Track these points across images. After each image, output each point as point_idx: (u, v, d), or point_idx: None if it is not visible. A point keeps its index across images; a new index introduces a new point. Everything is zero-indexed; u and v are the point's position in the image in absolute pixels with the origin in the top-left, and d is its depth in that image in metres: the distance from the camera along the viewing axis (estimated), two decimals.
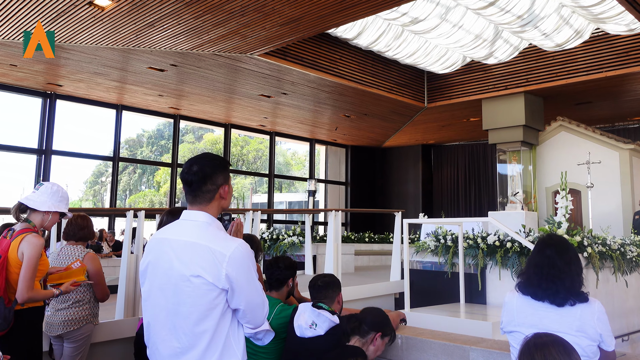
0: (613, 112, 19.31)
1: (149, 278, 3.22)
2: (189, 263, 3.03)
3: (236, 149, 40.19)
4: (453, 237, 9.89)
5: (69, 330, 5.54)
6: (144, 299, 3.27)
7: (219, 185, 3.24)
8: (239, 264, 3.02)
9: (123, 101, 17.99)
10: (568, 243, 3.89)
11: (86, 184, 42.11)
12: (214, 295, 2.99)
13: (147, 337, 3.24)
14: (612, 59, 15.10)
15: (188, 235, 3.12)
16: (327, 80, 15.95)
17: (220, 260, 2.98)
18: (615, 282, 9.48)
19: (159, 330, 3.14)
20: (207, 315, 3.00)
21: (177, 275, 3.05)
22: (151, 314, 3.19)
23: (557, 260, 3.74)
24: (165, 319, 3.09)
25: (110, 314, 7.03)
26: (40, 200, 4.92)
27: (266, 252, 14.21)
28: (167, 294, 3.09)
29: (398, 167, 26.28)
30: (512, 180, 17.22)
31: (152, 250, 3.26)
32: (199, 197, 3.21)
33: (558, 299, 3.67)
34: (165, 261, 3.13)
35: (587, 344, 3.59)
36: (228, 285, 2.99)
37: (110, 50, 12.98)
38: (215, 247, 3.03)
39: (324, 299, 5.01)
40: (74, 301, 5.57)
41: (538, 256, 3.85)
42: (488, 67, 17.45)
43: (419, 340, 5.26)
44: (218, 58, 13.77)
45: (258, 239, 6.14)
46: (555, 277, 3.69)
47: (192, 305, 3.00)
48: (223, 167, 3.29)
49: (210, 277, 2.97)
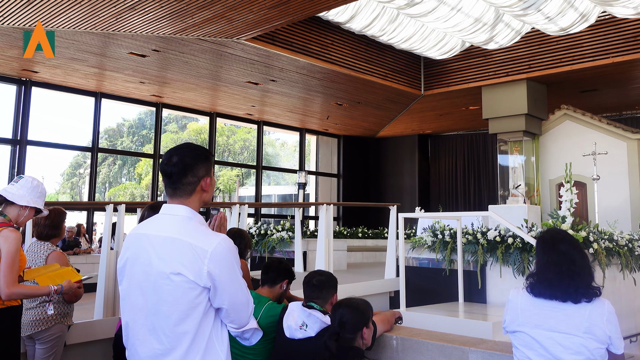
0: (620, 100, 19.34)
1: (127, 276, 3.20)
2: (168, 260, 3.01)
3: (222, 139, 40.19)
4: (451, 232, 9.90)
5: (38, 330, 5.51)
6: (122, 298, 3.25)
7: (201, 178, 3.22)
8: (221, 260, 3.01)
9: (102, 88, 17.93)
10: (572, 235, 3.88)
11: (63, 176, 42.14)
12: (196, 293, 2.98)
13: (126, 338, 3.23)
14: (620, 43, 15.09)
15: (168, 231, 3.11)
16: (318, 66, 15.92)
17: (201, 256, 2.97)
18: (623, 279, 9.50)
19: (137, 331, 3.12)
20: (189, 315, 2.99)
21: (156, 273, 3.04)
22: (130, 314, 3.18)
23: (575, 254, 3.71)
24: (145, 319, 3.08)
25: (88, 313, 7.01)
26: (19, 194, 4.89)
27: (254, 248, 14.18)
28: (146, 293, 3.08)
29: (393, 159, 26.28)
30: (513, 172, 17.23)
31: (131, 246, 3.24)
32: (179, 189, 3.19)
33: (578, 296, 3.63)
34: (144, 258, 3.11)
35: (595, 346, 3.56)
36: (210, 283, 2.98)
37: (89, 34, 12.91)
38: (197, 242, 3.01)
39: (316, 298, 4.97)
40: (41, 300, 5.53)
41: (553, 254, 3.75)
42: (488, 53, 17.44)
43: (415, 341, 5.24)
44: (203, 43, 13.72)
45: (248, 234, 6.11)
46: (575, 274, 3.65)
47: (173, 305, 2.98)
48: (205, 158, 3.27)
49: (191, 275, 2.96)
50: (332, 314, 4.55)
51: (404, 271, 9.01)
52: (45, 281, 5.12)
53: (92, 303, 7.04)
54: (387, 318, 5.43)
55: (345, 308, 4.53)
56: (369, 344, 4.64)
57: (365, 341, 4.56)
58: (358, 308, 4.56)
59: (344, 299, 4.67)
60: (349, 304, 4.57)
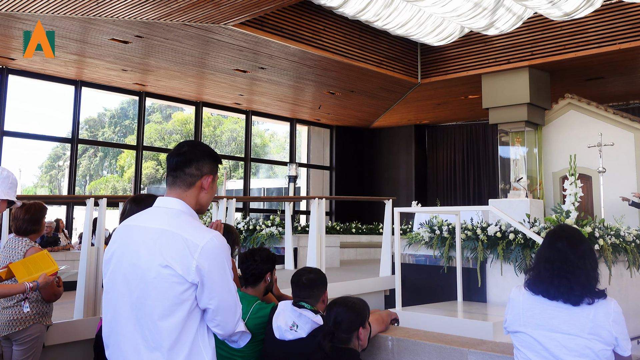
0: (627, 89, 19.33)
1: (113, 268, 3.22)
2: (157, 252, 3.04)
3: (208, 129, 40.18)
4: (449, 227, 9.90)
5: (15, 330, 5.51)
6: (105, 292, 3.27)
7: (204, 174, 3.30)
8: (212, 256, 3.04)
9: (83, 76, 17.88)
10: (581, 235, 3.86)
11: (41, 168, 42.03)
12: (182, 289, 3.00)
13: (108, 334, 3.23)
14: (627, 29, 15.04)
15: (159, 223, 3.15)
16: (309, 53, 15.88)
17: (192, 250, 3.00)
18: (630, 277, 9.50)
19: (121, 326, 3.13)
20: (174, 311, 3.00)
21: (144, 265, 3.06)
22: (113, 308, 3.19)
23: (570, 253, 3.70)
24: (129, 312, 3.09)
25: (68, 313, 7.00)
26: None
27: (242, 244, 14.17)
28: (131, 286, 3.09)
29: (388, 150, 26.27)
30: (515, 164, 17.23)
31: (119, 238, 3.28)
32: (179, 178, 3.26)
33: (573, 297, 3.63)
34: (132, 250, 3.14)
35: (601, 348, 3.56)
36: (198, 278, 3.00)
37: (69, 19, 12.87)
38: (188, 236, 3.04)
39: (307, 297, 4.96)
40: (19, 299, 5.51)
41: (548, 250, 3.80)
42: (488, 39, 17.41)
43: (412, 342, 5.24)
44: (188, 29, 13.68)
45: (236, 230, 6.09)
46: (569, 273, 3.65)
47: (158, 299, 3.00)
48: (213, 158, 3.37)
49: (179, 269, 2.99)
50: (327, 313, 4.55)
51: (399, 269, 9.01)
52: (19, 270, 5.11)
53: (72, 302, 7.02)
54: (382, 318, 5.43)
55: (340, 307, 4.53)
56: (365, 345, 4.65)
57: (362, 342, 4.56)
58: (354, 307, 4.57)
59: (340, 298, 4.67)
60: (345, 302, 4.58)
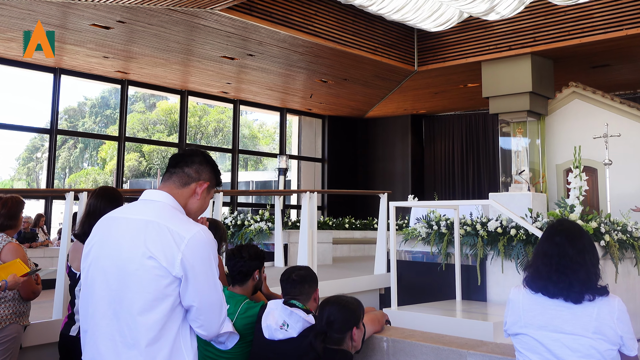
0: (635, 77, 19.34)
1: (91, 261, 3.23)
2: (141, 242, 3.05)
3: (194, 119, 40.12)
4: (448, 222, 9.92)
5: None
6: (82, 285, 3.27)
7: (201, 179, 3.37)
8: (198, 249, 3.06)
9: (62, 64, 17.83)
10: (581, 229, 3.87)
11: (18, 160, 41.95)
12: (166, 282, 3.01)
13: (84, 331, 3.23)
14: (634, 14, 14.98)
15: (144, 214, 3.17)
16: (300, 39, 15.87)
17: (177, 242, 3.02)
18: (638, 275, 9.53)
19: (98, 322, 3.13)
20: (154, 306, 3.01)
21: (125, 257, 3.07)
22: (90, 303, 3.19)
23: (569, 248, 3.71)
24: (107, 307, 3.10)
25: (46, 312, 6.98)
26: None
27: (229, 240, 14.17)
28: (110, 278, 3.10)
29: (383, 141, 26.28)
30: (516, 156, 17.24)
31: (100, 230, 3.30)
32: (175, 174, 3.34)
33: (573, 294, 3.63)
34: (113, 242, 3.15)
35: (606, 348, 3.57)
36: (182, 272, 3.01)
37: (47, 4, 12.81)
38: (175, 227, 3.07)
39: (298, 295, 4.97)
40: None
41: (546, 244, 3.82)
42: (489, 25, 17.39)
43: (408, 343, 5.25)
44: (173, 13, 13.64)
45: (223, 225, 6.10)
46: (567, 269, 3.66)
47: (138, 292, 3.01)
48: (216, 171, 3.48)
49: (164, 261, 3.00)
50: (319, 312, 4.56)
51: (395, 266, 9.02)
52: None
53: (51, 301, 7.01)
54: (376, 317, 5.44)
55: (333, 306, 4.54)
56: (359, 346, 4.66)
57: (355, 343, 4.57)
58: (347, 306, 4.58)
59: (333, 296, 4.68)
60: (338, 301, 4.59)
